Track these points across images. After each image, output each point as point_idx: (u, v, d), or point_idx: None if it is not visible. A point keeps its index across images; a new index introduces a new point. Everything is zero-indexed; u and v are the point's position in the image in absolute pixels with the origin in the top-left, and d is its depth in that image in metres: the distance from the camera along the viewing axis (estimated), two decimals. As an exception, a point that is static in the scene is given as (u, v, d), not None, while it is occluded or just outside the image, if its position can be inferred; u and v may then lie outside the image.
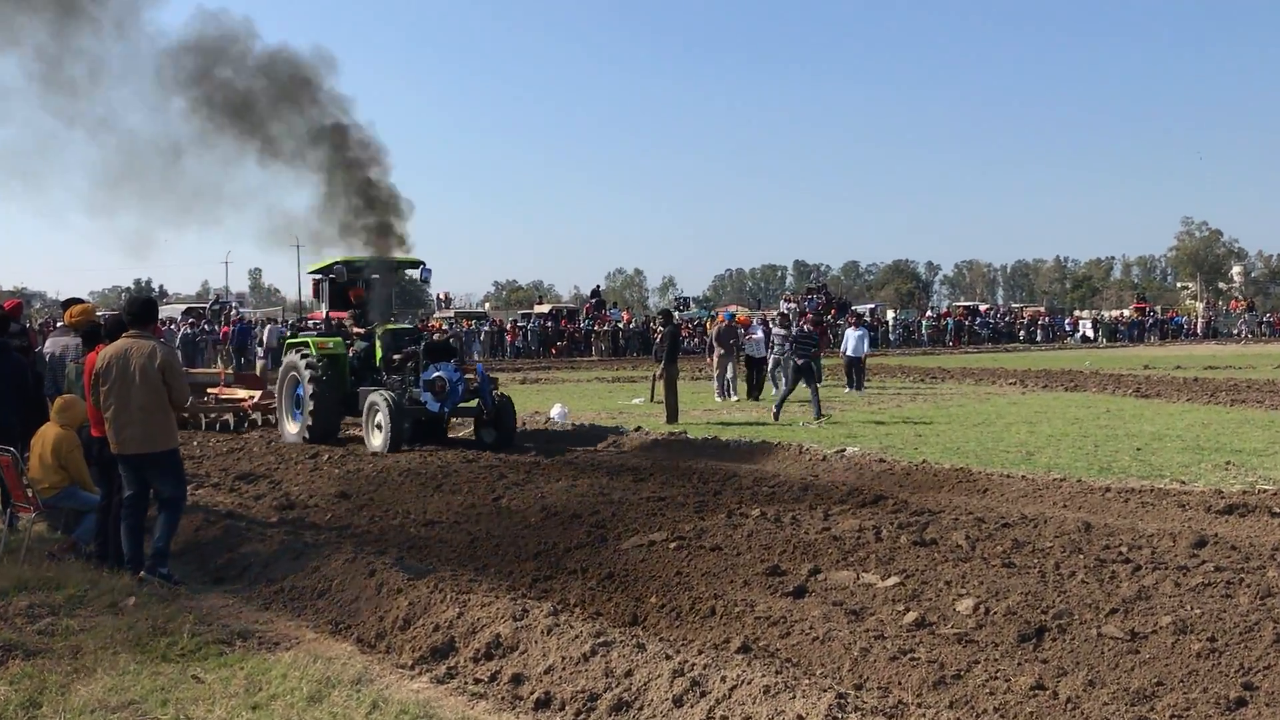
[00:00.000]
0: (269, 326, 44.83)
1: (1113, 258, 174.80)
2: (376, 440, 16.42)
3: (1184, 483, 12.43)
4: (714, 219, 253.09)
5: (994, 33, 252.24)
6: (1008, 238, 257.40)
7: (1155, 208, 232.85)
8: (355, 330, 18.51)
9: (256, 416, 20.88)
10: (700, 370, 36.14)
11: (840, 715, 5.04)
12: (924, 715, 5.05)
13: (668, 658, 5.90)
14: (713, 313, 32.33)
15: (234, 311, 54.04)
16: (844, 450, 15.12)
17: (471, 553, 9.34)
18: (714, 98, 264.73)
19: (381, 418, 16.34)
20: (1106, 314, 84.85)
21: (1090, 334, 68.63)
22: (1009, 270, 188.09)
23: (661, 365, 21.62)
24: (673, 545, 9.05)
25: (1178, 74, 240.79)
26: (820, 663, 6.26)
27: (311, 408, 17.45)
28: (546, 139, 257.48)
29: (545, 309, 67.21)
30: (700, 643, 6.58)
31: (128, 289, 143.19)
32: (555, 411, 20.51)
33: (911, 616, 6.89)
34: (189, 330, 42.98)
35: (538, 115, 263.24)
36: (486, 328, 54.99)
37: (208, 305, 61.56)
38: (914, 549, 8.81)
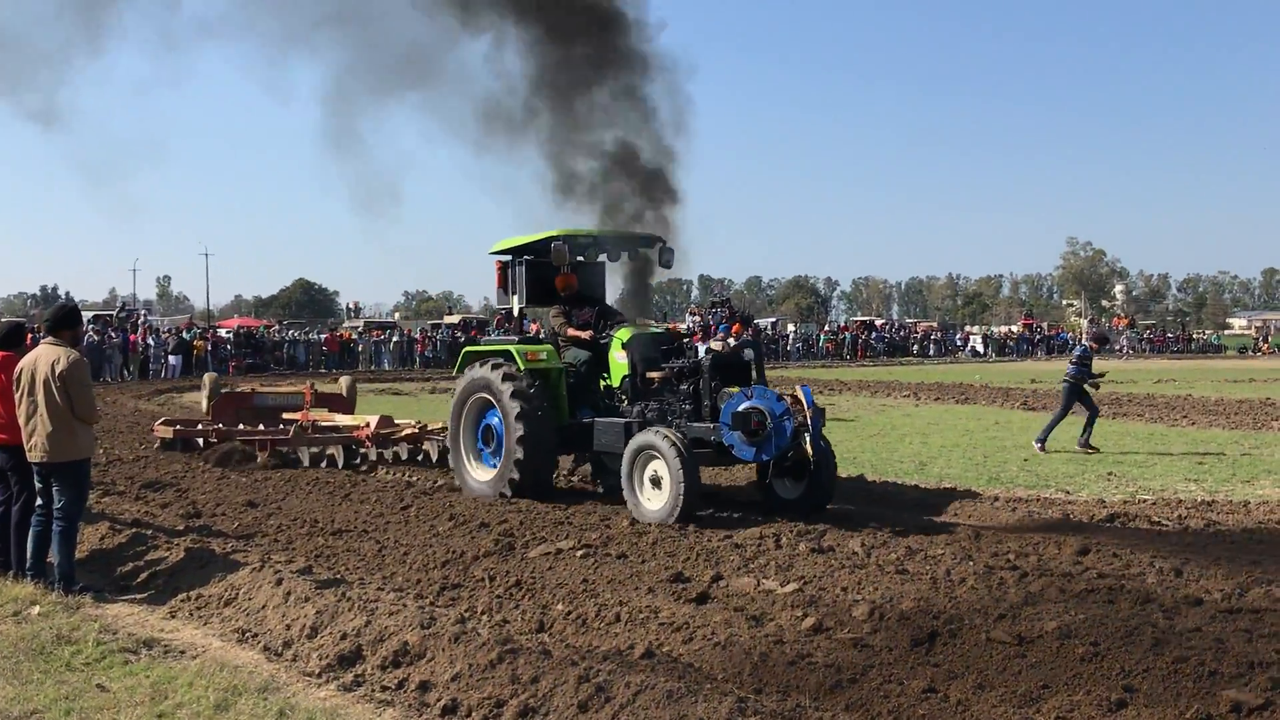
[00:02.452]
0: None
1: (1002, 276, 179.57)
2: (654, 503, 10.65)
3: (1069, 493, 12.72)
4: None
5: (892, 67, 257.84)
6: (903, 256, 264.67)
7: (1042, 228, 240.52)
8: (571, 333, 12.88)
9: (370, 451, 15.49)
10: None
11: (740, 719, 5.07)
12: (821, 718, 5.09)
13: (573, 664, 5.87)
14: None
15: (142, 319, 52.73)
16: (746, 460, 15.19)
17: (380, 561, 9.22)
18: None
19: (665, 469, 10.55)
20: (996, 329, 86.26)
21: (980, 349, 69.76)
22: (904, 287, 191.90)
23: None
24: (579, 553, 9.02)
25: (1064, 102, 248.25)
26: (722, 667, 6.28)
27: (521, 449, 11.81)
28: (462, 156, 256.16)
29: (455, 319, 66.56)
30: (605, 649, 6.57)
31: (34, 295, 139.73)
32: None
33: (809, 622, 6.93)
34: (95, 337, 41.84)
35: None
36: (396, 338, 54.39)
37: (115, 312, 60.02)
38: (812, 556, 8.89)
